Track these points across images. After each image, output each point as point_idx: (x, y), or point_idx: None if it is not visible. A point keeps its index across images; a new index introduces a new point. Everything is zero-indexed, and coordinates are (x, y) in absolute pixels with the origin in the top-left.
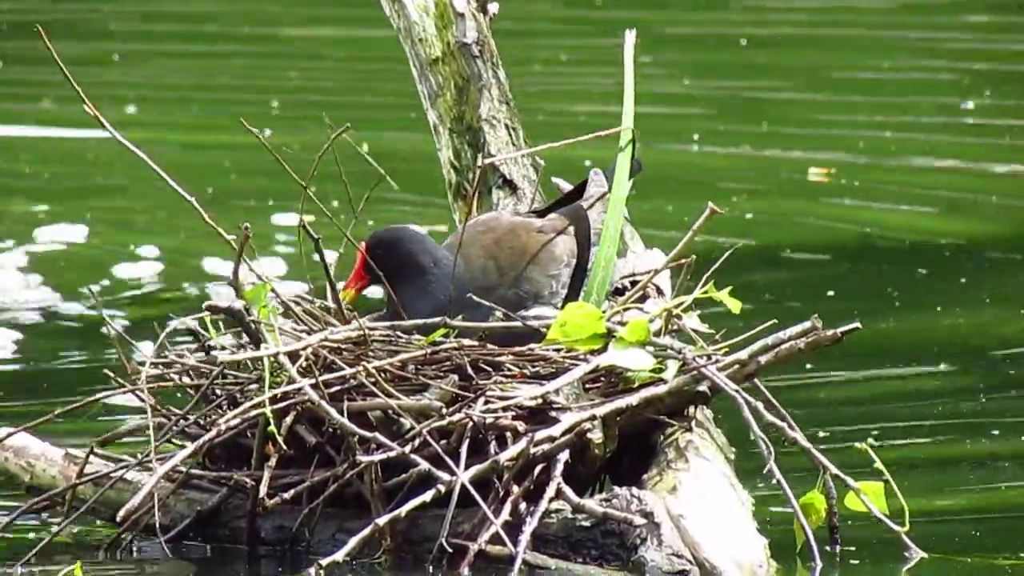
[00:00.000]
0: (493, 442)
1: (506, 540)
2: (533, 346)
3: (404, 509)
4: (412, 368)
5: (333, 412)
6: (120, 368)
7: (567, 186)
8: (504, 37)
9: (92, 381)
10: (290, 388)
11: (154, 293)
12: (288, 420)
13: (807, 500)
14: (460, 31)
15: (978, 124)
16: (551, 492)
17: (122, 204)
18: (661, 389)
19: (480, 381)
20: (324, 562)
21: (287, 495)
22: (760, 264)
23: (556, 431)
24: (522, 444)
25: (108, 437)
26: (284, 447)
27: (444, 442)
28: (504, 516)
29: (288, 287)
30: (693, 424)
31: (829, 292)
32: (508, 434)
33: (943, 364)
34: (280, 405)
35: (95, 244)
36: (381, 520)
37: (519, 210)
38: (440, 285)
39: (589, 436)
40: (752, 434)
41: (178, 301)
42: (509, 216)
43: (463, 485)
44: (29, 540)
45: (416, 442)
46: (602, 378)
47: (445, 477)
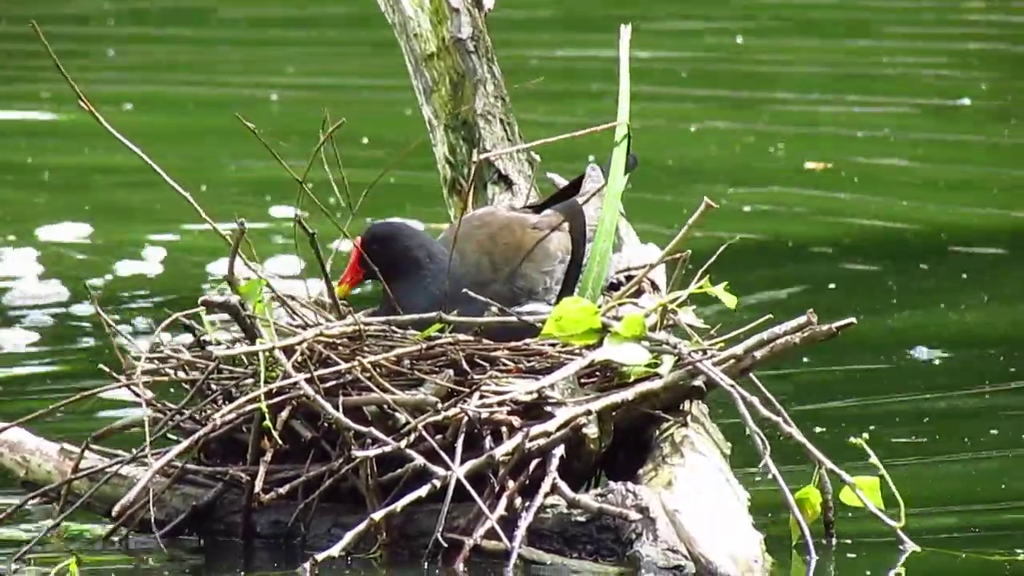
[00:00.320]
0: (488, 437)
1: (501, 535)
2: (528, 341)
3: (400, 504)
4: (407, 363)
5: (328, 407)
6: (116, 363)
7: (562, 181)
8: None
9: (97, 377)
10: (285, 383)
11: (162, 288)
12: (283, 415)
13: (802, 495)
14: (455, 26)
15: (977, 118)
16: (546, 487)
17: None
18: (656, 384)
19: (475, 376)
20: (319, 557)
21: (282, 490)
22: (758, 258)
23: (551, 426)
24: (517, 439)
25: (104, 432)
26: (279, 442)
27: (440, 437)
28: (499, 511)
29: (287, 284)
30: (689, 419)
31: (830, 285)
32: (503, 429)
33: (941, 358)
34: (276, 400)
35: (99, 239)
36: (376, 515)
37: (515, 205)
38: (435, 280)
39: (584, 431)
40: (747, 429)
41: (189, 296)
42: (505, 211)
43: (458, 480)
44: (24, 535)
45: (412, 437)
46: (597, 373)
47: (440, 472)
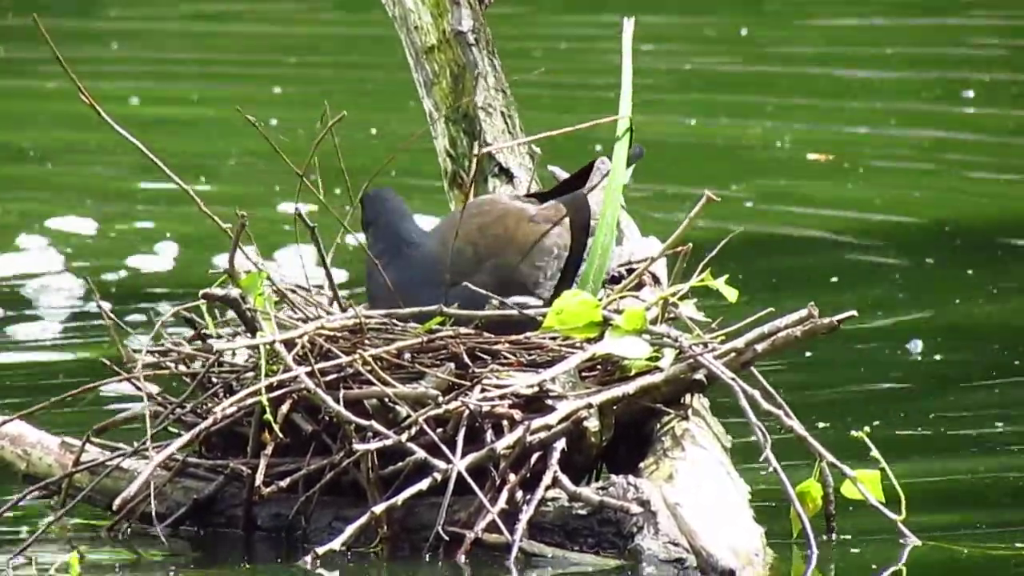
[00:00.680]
0: (489, 430)
1: (503, 528)
2: (529, 334)
3: (400, 497)
4: (408, 356)
5: (329, 400)
6: (117, 357)
7: (563, 174)
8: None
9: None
10: (286, 376)
11: (173, 282)
12: (284, 408)
13: (803, 488)
14: (455, 19)
15: (981, 111)
16: (547, 480)
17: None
18: (657, 377)
19: (476, 369)
20: (320, 550)
21: (283, 483)
22: (762, 251)
23: (552, 419)
24: (518, 432)
25: (104, 425)
26: (280, 435)
27: (440, 430)
28: (500, 504)
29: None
30: (689, 412)
31: (832, 279)
32: (504, 422)
33: (946, 351)
34: (276, 393)
35: (109, 233)
36: (377, 508)
37: (519, 194)
38: (399, 260)
39: (585, 424)
40: (748, 422)
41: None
42: (506, 201)
43: (459, 473)
44: (25, 529)
45: (412, 430)
46: (598, 366)
47: (441, 465)
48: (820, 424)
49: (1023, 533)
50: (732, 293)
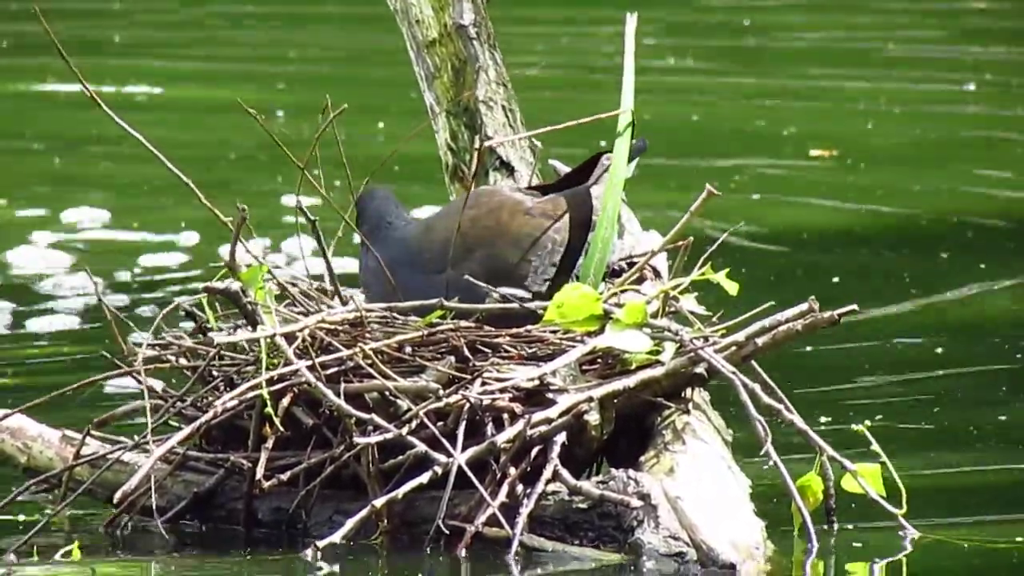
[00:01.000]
0: (490, 424)
1: (503, 522)
2: (530, 328)
3: (401, 491)
4: (409, 350)
5: (330, 394)
6: (118, 350)
7: (564, 168)
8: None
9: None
10: (287, 370)
11: (184, 278)
12: (285, 402)
13: (804, 482)
14: (457, 12)
15: (981, 103)
16: (548, 474)
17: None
18: (658, 371)
19: (477, 363)
20: (321, 544)
21: (284, 477)
22: (769, 245)
23: (553, 413)
24: (519, 426)
25: (105, 418)
26: (281, 429)
27: (441, 424)
28: (501, 498)
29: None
30: (690, 406)
31: (834, 278)
32: (505, 416)
33: (951, 345)
34: (277, 387)
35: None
36: (378, 502)
37: (520, 187)
38: (383, 245)
39: (586, 418)
40: (749, 416)
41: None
42: (506, 193)
43: (460, 467)
44: (26, 522)
45: (413, 424)
46: (599, 360)
47: (442, 459)
48: (822, 419)
49: None
50: (733, 287)
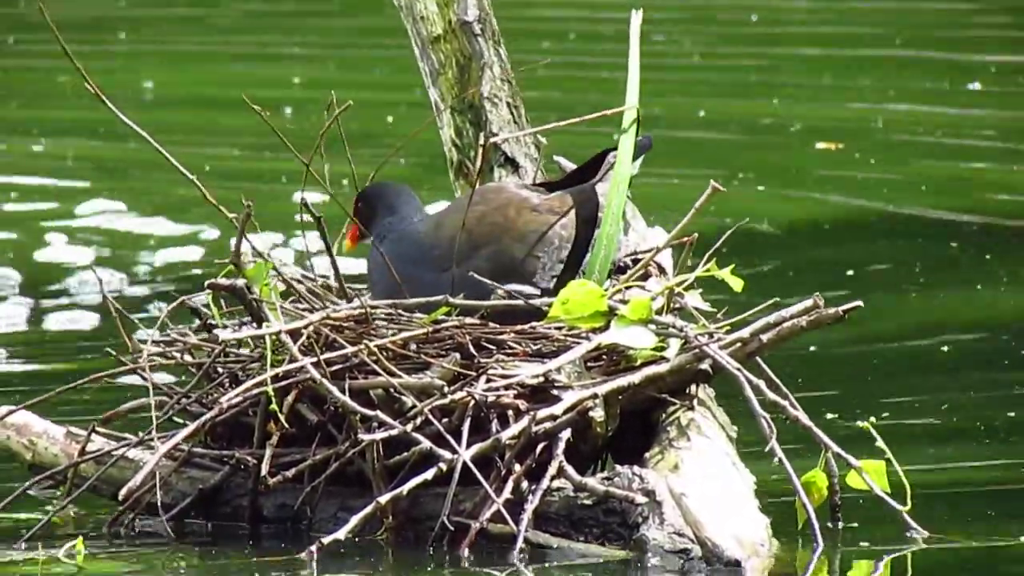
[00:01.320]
0: (495, 420)
1: (508, 518)
2: (535, 324)
3: (406, 487)
4: (414, 346)
5: (335, 390)
6: (123, 347)
7: (569, 165)
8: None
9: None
10: (292, 367)
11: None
12: (290, 398)
13: (809, 478)
14: (461, 9)
15: (987, 102)
16: (553, 471)
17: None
18: (663, 367)
19: (482, 360)
20: (326, 540)
21: (289, 473)
22: (772, 241)
23: (558, 409)
24: (524, 422)
25: (110, 415)
26: (286, 425)
27: (446, 420)
28: (506, 494)
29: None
30: (695, 402)
31: (848, 272)
32: (510, 412)
33: (959, 341)
34: (282, 383)
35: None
36: (383, 498)
37: (527, 183)
38: (395, 241)
39: (591, 414)
40: (753, 413)
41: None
42: (512, 190)
43: (465, 463)
44: (31, 518)
45: (418, 420)
46: (604, 356)
47: (447, 455)
48: (828, 415)
49: None
50: (738, 283)
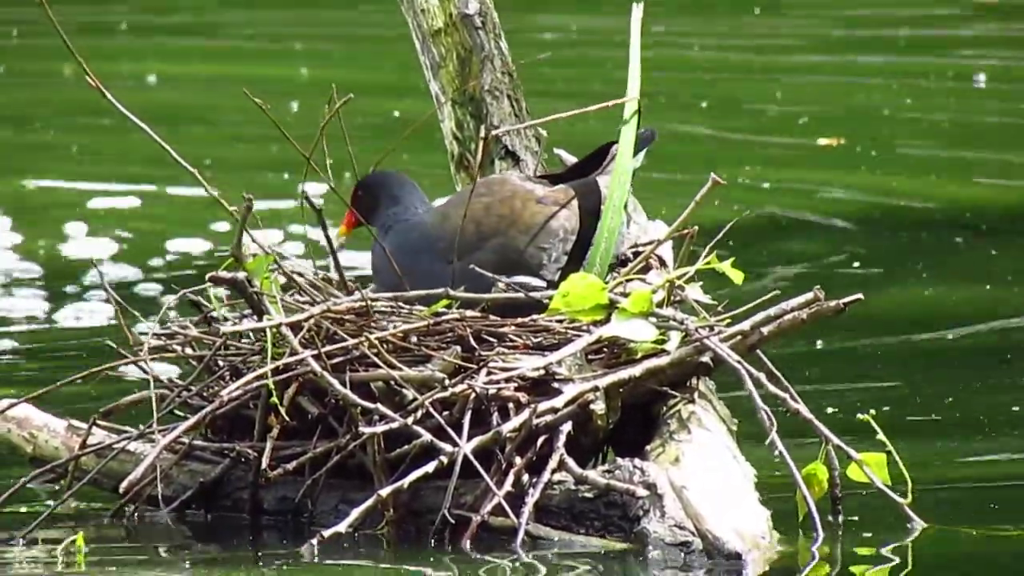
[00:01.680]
0: (496, 413)
1: (509, 511)
2: (536, 317)
3: (406, 480)
4: (414, 339)
5: (335, 383)
6: (124, 340)
7: (570, 157)
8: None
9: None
10: (292, 359)
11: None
12: (290, 391)
13: (809, 471)
14: (462, 2)
15: (993, 96)
16: (554, 463)
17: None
18: (664, 360)
19: (483, 352)
20: (326, 533)
21: (289, 466)
22: (776, 235)
23: (559, 402)
24: (525, 415)
25: (111, 408)
26: (286, 418)
27: (447, 413)
28: (507, 487)
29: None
30: (696, 395)
31: (855, 264)
32: (511, 405)
33: (962, 334)
34: (282, 376)
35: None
36: (383, 491)
37: (530, 175)
38: (399, 232)
39: (592, 407)
40: (754, 406)
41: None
42: (515, 182)
43: (465, 456)
44: (32, 511)
45: (418, 413)
46: (605, 349)
47: (447, 448)
48: (830, 409)
49: None
50: (738, 276)
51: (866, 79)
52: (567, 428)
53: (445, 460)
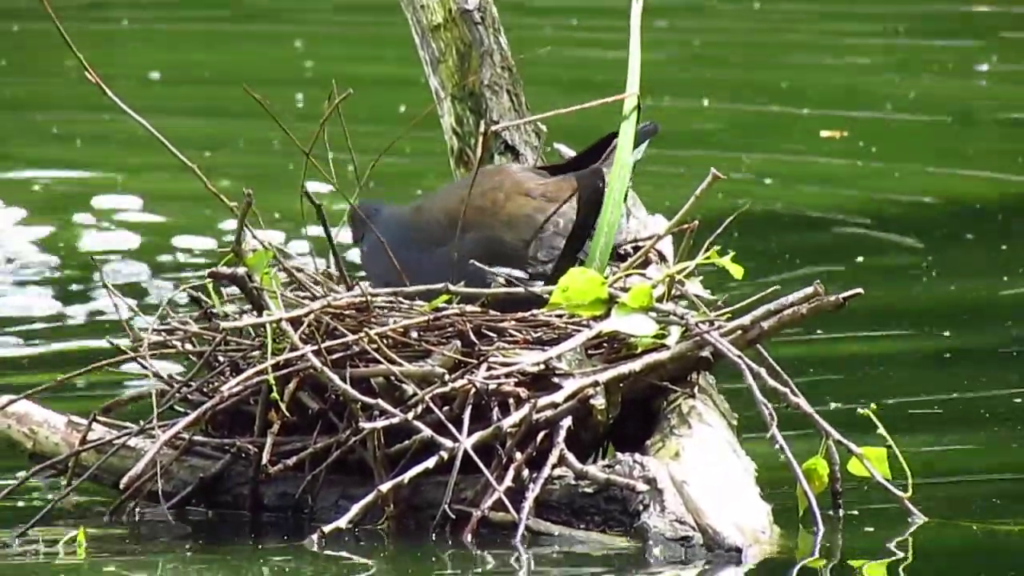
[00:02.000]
0: (496, 408)
1: (509, 507)
2: (536, 312)
3: (407, 476)
4: (415, 334)
5: (336, 378)
6: (124, 335)
7: (570, 152)
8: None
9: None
10: (293, 355)
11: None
12: (291, 387)
13: (810, 465)
14: None
15: (993, 86)
16: (554, 458)
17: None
18: (664, 355)
19: (483, 347)
20: (327, 528)
21: (290, 462)
22: (779, 229)
23: (559, 397)
24: (525, 410)
25: (111, 404)
26: (287, 414)
27: (447, 408)
28: (507, 482)
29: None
30: (696, 390)
31: (859, 258)
32: (511, 400)
33: (964, 329)
34: (283, 372)
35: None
36: (384, 487)
37: (531, 166)
38: (379, 228)
39: (592, 402)
40: (754, 400)
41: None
42: (509, 173)
43: (466, 451)
44: (32, 507)
45: (419, 408)
46: (605, 344)
47: (448, 444)
48: (833, 404)
49: None
50: (738, 270)
51: (869, 72)
52: (567, 423)
53: (445, 455)
